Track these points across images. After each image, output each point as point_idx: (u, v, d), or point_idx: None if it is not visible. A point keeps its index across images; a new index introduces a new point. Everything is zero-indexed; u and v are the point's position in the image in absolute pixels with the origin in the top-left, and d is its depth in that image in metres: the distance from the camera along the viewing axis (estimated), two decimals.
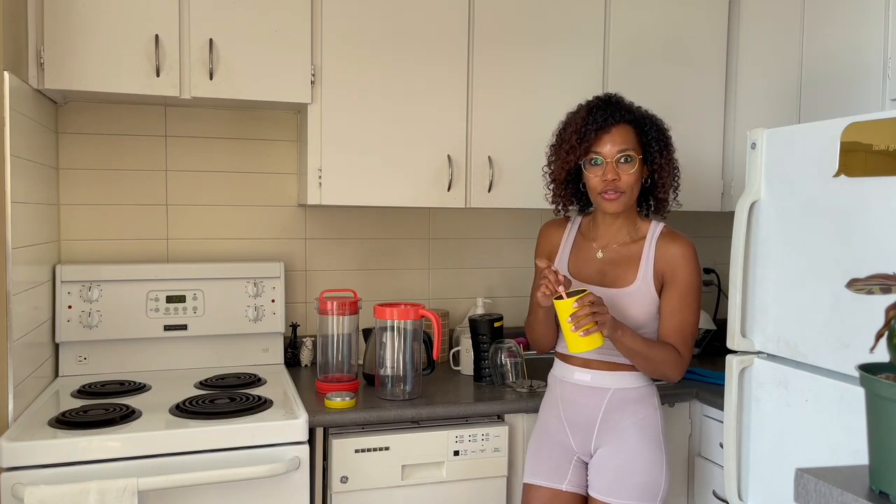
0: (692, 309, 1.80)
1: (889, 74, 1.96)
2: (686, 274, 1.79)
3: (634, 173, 1.78)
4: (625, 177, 1.77)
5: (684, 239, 1.82)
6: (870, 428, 0.92)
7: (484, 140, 2.37)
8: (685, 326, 1.80)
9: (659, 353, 1.77)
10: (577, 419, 1.84)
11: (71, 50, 2.01)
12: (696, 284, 1.80)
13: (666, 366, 1.78)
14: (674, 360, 1.79)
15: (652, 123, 1.82)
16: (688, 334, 1.80)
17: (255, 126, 2.53)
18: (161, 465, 1.75)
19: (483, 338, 2.32)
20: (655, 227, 1.85)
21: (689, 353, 1.81)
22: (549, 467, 1.88)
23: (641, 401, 1.82)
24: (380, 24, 2.26)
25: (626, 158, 1.76)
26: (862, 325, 1.53)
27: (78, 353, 2.28)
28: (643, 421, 1.80)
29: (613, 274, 1.83)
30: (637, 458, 1.77)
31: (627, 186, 1.77)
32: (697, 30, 2.56)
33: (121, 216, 2.42)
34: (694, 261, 1.80)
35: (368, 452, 1.95)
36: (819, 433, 1.65)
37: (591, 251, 1.88)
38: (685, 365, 1.81)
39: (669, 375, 1.80)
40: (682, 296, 1.79)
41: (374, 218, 2.67)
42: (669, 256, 1.80)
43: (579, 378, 1.85)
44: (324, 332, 2.21)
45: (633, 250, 1.83)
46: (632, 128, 1.79)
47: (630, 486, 1.76)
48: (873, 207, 1.51)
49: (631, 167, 1.77)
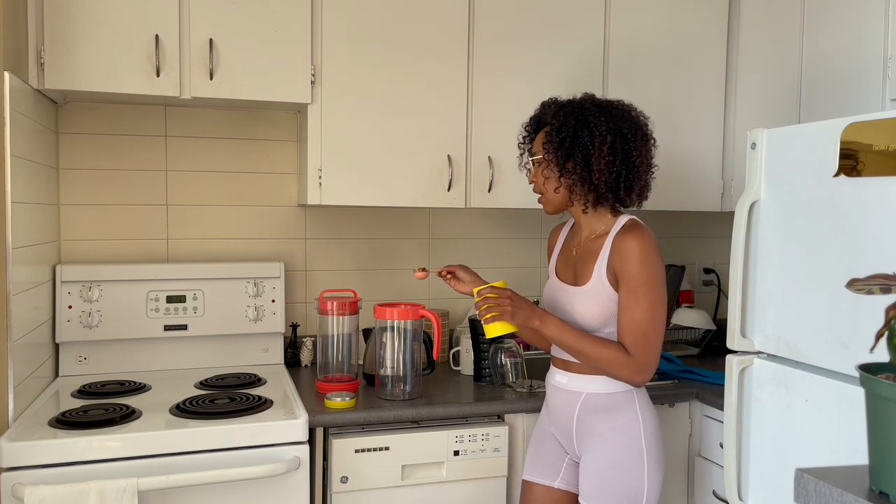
0: (642, 306, 1.68)
1: (889, 74, 1.96)
2: (634, 268, 1.68)
3: (540, 176, 1.81)
4: (536, 179, 1.83)
5: (641, 232, 1.71)
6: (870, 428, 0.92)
7: (484, 140, 2.37)
8: (634, 325, 1.68)
9: (596, 350, 1.69)
10: (559, 422, 1.84)
11: (71, 50, 2.01)
12: (647, 280, 1.68)
13: (609, 364, 1.69)
14: (617, 359, 1.68)
15: (554, 126, 1.76)
16: (637, 334, 1.68)
17: (255, 126, 2.53)
18: (161, 465, 1.75)
19: (483, 338, 2.32)
20: (620, 221, 1.78)
21: (643, 355, 1.68)
22: (544, 465, 1.89)
23: (618, 408, 1.75)
24: (380, 24, 2.26)
25: (535, 161, 1.83)
26: (862, 325, 1.53)
27: (78, 353, 2.28)
28: (622, 428, 1.74)
29: (579, 272, 1.81)
30: (617, 465, 1.73)
31: (540, 188, 1.83)
32: (697, 30, 2.56)
33: (121, 216, 2.42)
34: (645, 254, 1.68)
35: (368, 452, 1.95)
36: (819, 433, 1.65)
37: (571, 250, 1.89)
38: (636, 366, 1.68)
39: (620, 376, 1.70)
40: (631, 292, 1.69)
41: (374, 218, 2.67)
42: (621, 250, 1.70)
43: (558, 380, 1.83)
44: (324, 332, 2.21)
45: (595, 247, 1.79)
46: (545, 131, 1.81)
47: (610, 493, 1.73)
48: (873, 207, 1.51)
49: (539, 170, 1.82)
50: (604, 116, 1.74)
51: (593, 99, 1.80)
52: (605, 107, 1.76)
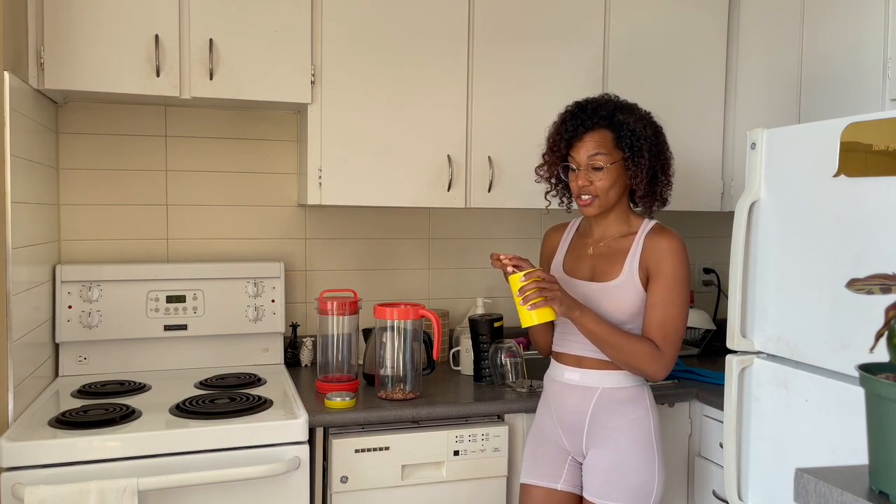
0: (676, 303, 1.74)
1: (889, 74, 1.96)
2: (670, 266, 1.74)
3: (605, 178, 1.77)
4: (597, 182, 1.78)
5: (673, 234, 1.79)
6: (870, 428, 0.92)
7: (484, 140, 2.37)
8: (667, 321, 1.74)
9: (630, 344, 1.72)
10: (568, 419, 1.84)
11: (71, 50, 2.01)
12: (681, 279, 1.75)
13: (640, 359, 1.73)
14: (649, 353, 1.73)
15: (626, 126, 1.76)
16: (669, 330, 1.74)
17: (255, 126, 2.53)
18: (161, 465, 1.75)
19: (483, 338, 2.32)
20: (647, 223, 1.84)
21: (672, 350, 1.75)
22: (544, 467, 1.88)
23: (632, 402, 1.80)
24: (380, 24, 2.26)
25: (596, 167, 1.77)
26: (862, 325, 1.53)
27: (78, 353, 2.28)
28: (635, 423, 1.78)
29: (602, 269, 1.82)
30: (628, 460, 1.76)
31: (601, 191, 1.78)
32: (697, 29, 2.56)
33: (121, 216, 2.42)
34: (680, 255, 1.76)
35: (368, 452, 1.95)
36: (819, 433, 1.65)
37: (586, 248, 1.89)
38: (665, 362, 1.74)
39: (646, 371, 1.74)
40: (665, 289, 1.74)
41: (374, 218, 2.67)
42: (655, 249, 1.76)
43: (569, 377, 1.84)
44: (324, 332, 2.21)
45: (623, 245, 1.82)
46: (607, 132, 1.78)
47: (622, 488, 1.74)
48: (873, 207, 1.51)
49: (602, 173, 1.77)
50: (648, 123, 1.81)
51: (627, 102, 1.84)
52: (642, 112, 1.83)
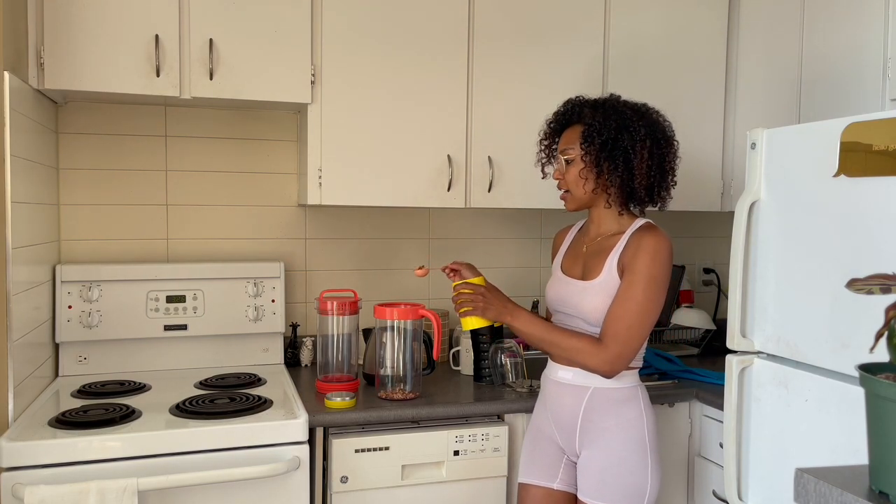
0: (636, 300, 1.68)
1: (889, 74, 1.96)
2: (642, 263, 1.69)
3: (572, 171, 1.81)
4: (567, 176, 1.83)
5: (658, 232, 1.74)
6: (870, 428, 0.92)
7: (484, 140, 2.37)
8: (621, 316, 1.69)
9: (566, 340, 1.73)
10: (561, 418, 1.84)
11: (71, 50, 2.01)
12: (652, 277, 1.69)
13: (577, 355, 1.71)
14: (586, 349, 1.70)
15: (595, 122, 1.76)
16: (621, 326, 1.68)
17: (255, 126, 2.53)
18: (161, 465, 1.75)
19: (483, 338, 2.32)
20: (637, 222, 1.82)
21: (618, 347, 1.68)
22: (541, 466, 1.88)
23: (626, 402, 1.77)
24: (380, 24, 2.26)
25: (567, 160, 1.82)
26: (862, 325, 1.53)
27: (78, 353, 2.28)
28: (628, 423, 1.76)
29: (590, 267, 1.82)
30: (622, 460, 1.75)
31: (571, 185, 1.83)
32: (697, 29, 2.56)
33: (121, 216, 2.42)
34: (658, 254, 1.70)
35: (368, 452, 1.95)
36: (819, 433, 1.65)
37: (581, 247, 1.89)
38: (607, 357, 1.69)
39: (588, 366, 1.72)
40: (631, 284, 1.69)
41: (374, 218, 2.67)
42: (634, 246, 1.73)
43: (562, 376, 1.83)
44: (324, 332, 2.21)
45: (610, 244, 1.80)
46: (578, 127, 1.81)
47: (614, 489, 1.74)
48: (873, 207, 1.51)
49: (571, 167, 1.82)
50: (641, 120, 1.77)
51: (625, 101, 1.83)
52: (640, 110, 1.80)
